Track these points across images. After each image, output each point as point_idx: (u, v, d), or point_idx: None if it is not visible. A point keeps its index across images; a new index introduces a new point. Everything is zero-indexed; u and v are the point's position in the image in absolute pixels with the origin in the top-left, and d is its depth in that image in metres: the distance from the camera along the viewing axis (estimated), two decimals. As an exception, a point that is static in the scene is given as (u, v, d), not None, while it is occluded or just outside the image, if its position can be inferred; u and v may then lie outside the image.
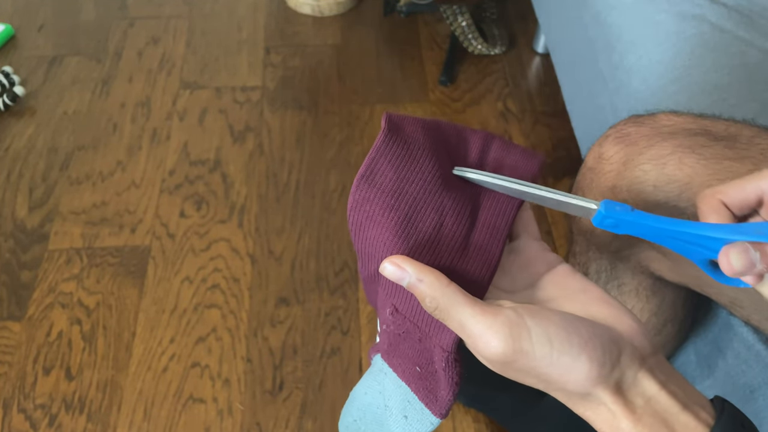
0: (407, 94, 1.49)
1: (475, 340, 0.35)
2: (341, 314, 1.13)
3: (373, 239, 0.40)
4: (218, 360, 1.07)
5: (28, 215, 1.26)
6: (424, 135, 0.42)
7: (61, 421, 1.01)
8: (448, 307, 0.36)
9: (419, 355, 0.40)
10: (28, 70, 1.51)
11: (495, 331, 0.34)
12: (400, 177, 0.40)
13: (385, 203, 0.40)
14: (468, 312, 0.35)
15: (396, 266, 0.37)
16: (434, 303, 0.36)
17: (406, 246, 0.39)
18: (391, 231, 0.39)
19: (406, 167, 0.41)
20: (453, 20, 1.56)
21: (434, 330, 0.38)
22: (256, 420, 1.02)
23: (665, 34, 0.82)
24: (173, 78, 1.51)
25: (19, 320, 1.11)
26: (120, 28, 1.63)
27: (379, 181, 0.40)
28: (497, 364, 0.35)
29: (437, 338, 0.38)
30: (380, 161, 0.41)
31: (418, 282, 0.37)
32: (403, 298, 0.39)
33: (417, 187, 0.40)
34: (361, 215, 0.41)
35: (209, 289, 1.16)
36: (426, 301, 0.36)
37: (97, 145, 1.37)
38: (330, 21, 1.66)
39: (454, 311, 0.36)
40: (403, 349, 0.41)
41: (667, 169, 0.56)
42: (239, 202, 1.28)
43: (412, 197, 0.40)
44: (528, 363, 0.34)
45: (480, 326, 0.35)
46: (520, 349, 0.34)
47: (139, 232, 1.23)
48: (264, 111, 1.45)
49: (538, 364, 0.34)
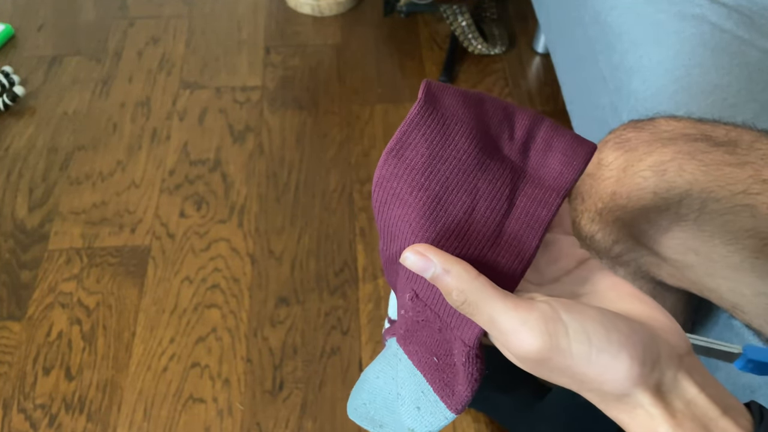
0: (407, 94, 1.49)
1: (508, 336, 0.32)
2: (341, 314, 1.13)
3: (397, 219, 0.37)
4: (218, 360, 1.07)
5: (28, 215, 1.25)
6: (464, 109, 0.38)
7: (61, 421, 1.01)
8: (477, 300, 0.33)
9: (438, 345, 0.38)
10: (28, 70, 1.51)
11: (530, 327, 0.32)
12: (432, 154, 0.37)
13: (414, 181, 0.36)
14: (499, 306, 0.33)
15: (419, 255, 0.34)
16: (462, 297, 0.33)
17: (433, 230, 0.36)
18: (417, 212, 0.36)
19: (440, 144, 0.37)
20: (453, 20, 1.56)
21: (456, 322, 0.35)
22: (256, 420, 1.01)
23: (665, 34, 0.82)
24: (173, 78, 1.51)
25: (19, 320, 1.11)
26: (120, 27, 1.63)
27: (409, 157, 0.37)
28: (529, 362, 0.33)
29: (459, 331, 0.35)
30: (412, 135, 0.37)
31: (444, 273, 0.34)
32: (424, 285, 0.36)
33: (450, 166, 0.37)
34: (386, 192, 0.37)
35: (209, 289, 1.16)
36: (453, 295, 0.34)
37: (97, 145, 1.37)
38: (330, 21, 1.66)
39: (484, 305, 0.33)
40: (420, 337, 0.39)
41: (668, 176, 0.56)
42: (239, 202, 1.28)
43: (444, 177, 0.36)
44: (564, 361, 0.32)
45: (513, 322, 0.32)
46: (556, 347, 0.32)
47: (139, 232, 1.23)
48: (264, 111, 1.45)
49: (575, 363, 0.32)
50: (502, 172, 0.38)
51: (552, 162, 0.39)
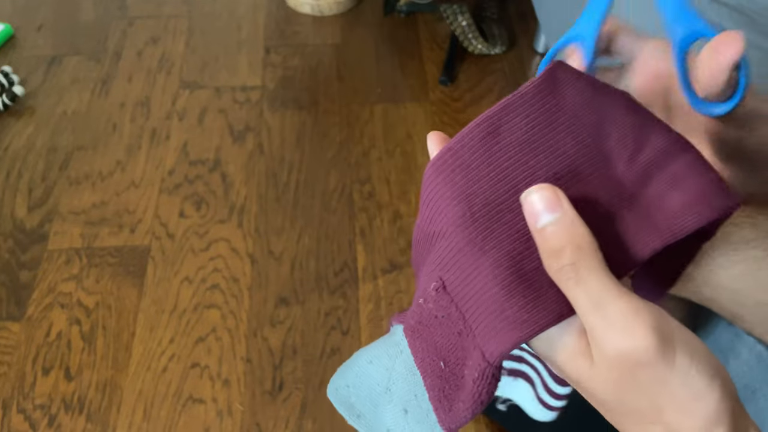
0: (407, 94, 1.49)
1: (612, 326, 0.27)
2: (341, 314, 1.13)
3: (456, 193, 0.32)
4: (218, 360, 1.07)
5: (27, 215, 1.25)
6: (586, 109, 0.33)
7: (61, 421, 1.01)
8: (591, 271, 0.28)
9: (451, 349, 0.33)
10: (27, 70, 1.51)
11: (643, 319, 0.27)
12: (529, 142, 0.32)
13: (495, 165, 0.31)
14: (613, 288, 0.28)
15: (554, 193, 0.29)
16: (575, 257, 0.28)
17: (497, 218, 0.31)
18: (484, 197, 0.31)
19: (540, 134, 0.32)
20: (453, 20, 1.56)
21: (484, 330, 0.30)
22: (256, 420, 1.01)
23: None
24: (173, 78, 1.51)
25: (19, 320, 1.11)
26: (119, 27, 1.63)
27: (503, 135, 0.32)
28: (618, 366, 0.28)
29: (483, 340, 0.30)
30: (518, 111, 0.32)
31: (572, 224, 0.28)
32: (460, 275, 0.31)
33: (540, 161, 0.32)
34: (456, 162, 0.32)
35: (209, 289, 1.16)
36: (566, 252, 0.28)
37: (96, 145, 1.37)
38: (330, 20, 1.66)
39: (596, 279, 0.28)
40: (432, 335, 0.33)
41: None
42: (239, 202, 1.28)
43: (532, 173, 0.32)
44: (661, 373, 0.27)
45: (626, 309, 0.27)
46: (664, 350, 0.27)
47: (139, 232, 1.23)
48: (264, 111, 1.45)
49: (670, 378, 0.27)
50: (599, 190, 0.32)
51: (672, 200, 0.32)
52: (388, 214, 1.26)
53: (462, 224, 0.31)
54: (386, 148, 1.38)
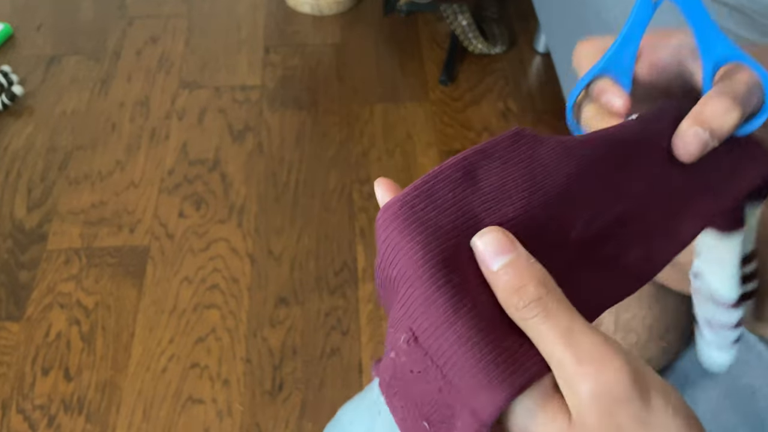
0: (407, 94, 1.49)
1: (585, 359, 0.25)
2: (341, 314, 1.13)
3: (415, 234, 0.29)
4: (217, 360, 1.07)
5: (26, 215, 1.25)
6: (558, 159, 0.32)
7: (60, 421, 1.01)
8: (558, 304, 0.27)
9: (433, 408, 0.28)
10: (26, 70, 1.51)
11: (615, 352, 0.26)
12: (506, 175, 0.30)
13: (484, 198, 0.30)
14: (582, 323, 0.26)
15: (504, 236, 0.28)
16: (540, 292, 0.27)
17: (468, 252, 0.29)
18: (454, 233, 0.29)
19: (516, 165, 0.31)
20: (453, 19, 1.55)
21: (469, 385, 0.26)
22: (256, 420, 1.01)
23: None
24: (172, 77, 1.51)
25: (18, 320, 1.11)
26: (119, 27, 1.63)
27: (481, 176, 0.30)
28: (596, 409, 0.26)
29: (470, 397, 0.26)
30: (496, 150, 0.30)
31: (528, 262, 0.27)
32: (430, 326, 0.27)
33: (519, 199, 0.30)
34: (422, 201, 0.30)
35: (208, 289, 1.15)
36: (530, 289, 0.27)
37: (95, 145, 1.37)
38: (330, 20, 1.66)
39: (563, 313, 0.26)
40: (411, 392, 0.29)
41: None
42: (238, 201, 1.28)
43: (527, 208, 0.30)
44: (637, 413, 0.26)
45: (598, 341, 0.26)
46: (639, 387, 0.26)
47: (138, 232, 1.23)
48: (263, 110, 1.45)
49: (650, 419, 0.26)
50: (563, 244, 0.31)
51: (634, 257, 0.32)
52: (388, 214, 1.26)
53: (429, 269, 0.28)
54: (386, 148, 1.38)
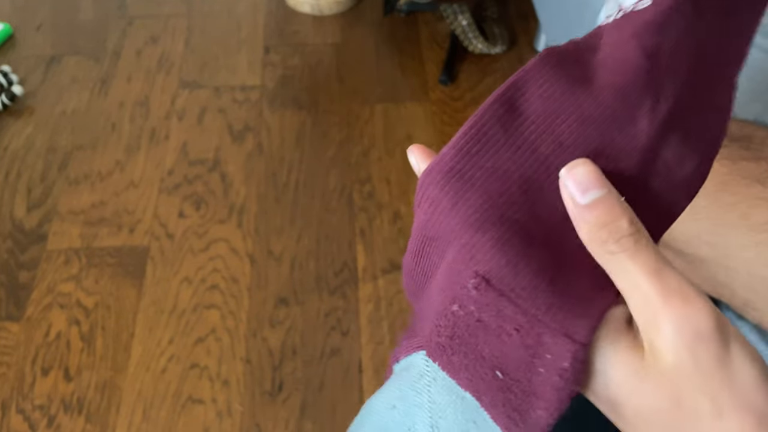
0: (407, 94, 1.49)
1: (673, 293, 0.26)
2: (341, 315, 1.13)
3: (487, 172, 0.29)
4: (217, 361, 1.07)
5: (26, 215, 1.25)
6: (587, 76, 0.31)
7: (60, 421, 1.00)
8: (648, 242, 0.27)
9: (507, 354, 0.28)
10: (26, 70, 1.51)
11: (704, 297, 0.26)
12: (548, 110, 0.29)
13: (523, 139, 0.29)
14: (668, 262, 0.27)
15: (597, 170, 0.28)
16: (631, 229, 0.27)
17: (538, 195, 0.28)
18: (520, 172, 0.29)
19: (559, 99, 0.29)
20: (453, 19, 1.55)
21: (558, 314, 0.26)
22: (256, 421, 1.01)
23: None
24: (172, 77, 1.51)
25: (18, 321, 1.11)
26: (119, 27, 1.62)
27: (521, 106, 0.29)
28: (675, 342, 0.26)
29: (565, 324, 0.26)
30: (528, 83, 0.30)
31: (618, 198, 0.27)
32: (506, 264, 0.27)
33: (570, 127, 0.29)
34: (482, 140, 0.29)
35: (208, 289, 1.15)
36: (623, 224, 0.27)
37: (95, 145, 1.37)
38: (330, 20, 1.66)
39: (653, 250, 0.27)
40: (475, 345, 0.28)
41: None
42: (238, 202, 1.28)
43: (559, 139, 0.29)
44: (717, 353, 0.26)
45: (684, 280, 0.26)
46: (721, 329, 0.26)
47: (138, 232, 1.23)
48: (263, 110, 1.44)
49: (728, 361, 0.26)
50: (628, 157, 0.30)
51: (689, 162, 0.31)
52: (388, 215, 1.26)
53: (498, 206, 0.27)
54: (386, 148, 1.38)
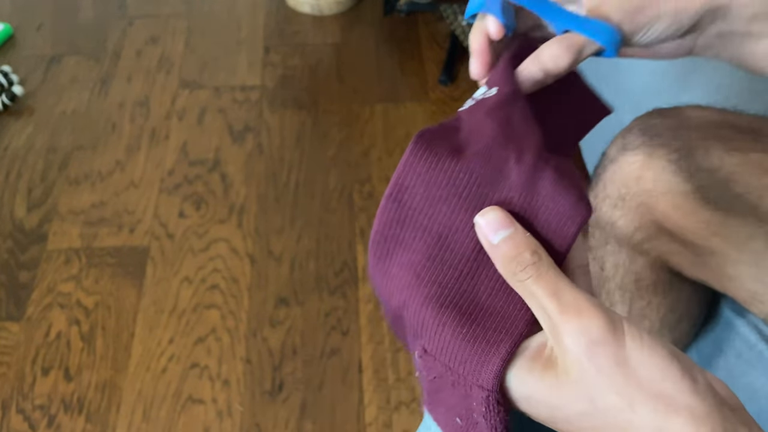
0: (407, 94, 1.49)
1: (568, 309, 0.30)
2: (341, 315, 1.13)
3: (400, 266, 0.35)
4: (217, 360, 1.07)
5: (26, 215, 1.25)
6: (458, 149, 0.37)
7: (60, 421, 1.01)
8: (548, 268, 0.31)
9: (458, 403, 0.34)
10: (26, 70, 1.51)
11: (592, 303, 0.30)
12: (431, 195, 0.35)
13: (418, 224, 0.35)
14: (568, 283, 0.31)
15: (504, 213, 0.33)
16: (534, 258, 0.32)
17: (440, 270, 0.34)
18: (422, 254, 0.35)
19: (438, 184, 0.35)
20: (453, 19, 1.55)
21: (470, 368, 0.33)
22: (256, 421, 1.01)
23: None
24: (172, 77, 1.51)
25: (18, 321, 1.11)
26: (119, 27, 1.62)
27: (408, 200, 0.35)
28: (577, 353, 0.30)
29: (474, 376, 0.32)
30: (409, 178, 0.35)
31: (524, 235, 0.32)
32: (431, 335, 0.34)
33: (453, 205, 0.35)
34: (388, 243, 0.35)
35: (208, 289, 1.15)
36: (526, 255, 0.32)
37: (95, 145, 1.37)
38: (330, 20, 1.66)
39: (552, 274, 0.31)
40: (441, 398, 0.35)
41: (694, 159, 0.56)
42: (238, 202, 1.28)
43: (446, 216, 0.35)
44: (613, 353, 0.29)
45: (579, 296, 0.30)
46: (613, 330, 0.29)
47: (138, 232, 1.23)
48: (263, 110, 1.44)
49: (625, 357, 0.29)
50: (509, 203, 0.35)
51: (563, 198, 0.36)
52: (388, 214, 1.26)
53: (414, 287, 0.34)
54: (386, 148, 1.38)
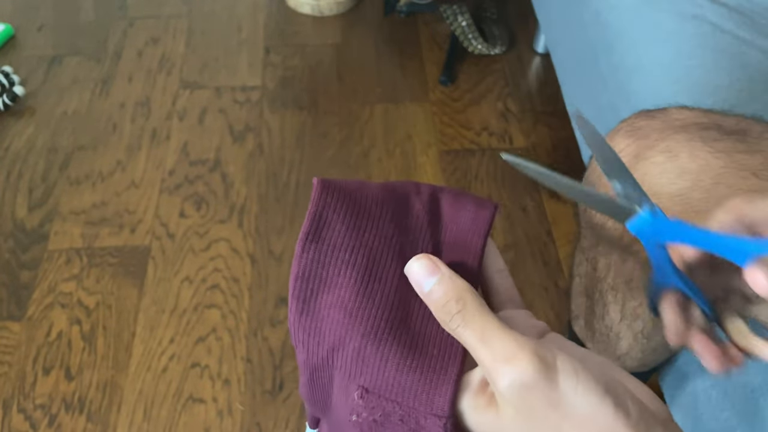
0: (407, 94, 1.49)
1: (498, 357, 0.30)
2: (341, 314, 1.13)
3: (329, 307, 0.34)
4: (218, 360, 1.07)
5: (27, 215, 1.25)
6: (364, 185, 0.38)
7: (61, 421, 1.01)
8: (473, 314, 0.31)
9: None
10: (27, 70, 1.51)
11: (522, 347, 0.30)
12: (349, 227, 0.35)
13: (340, 260, 0.34)
14: (495, 323, 0.31)
15: (429, 260, 0.33)
16: (459, 306, 0.32)
17: (373, 302, 0.34)
18: (351, 289, 0.34)
19: (354, 215, 0.35)
20: (453, 20, 1.56)
21: (423, 398, 0.32)
22: (256, 420, 1.01)
23: (665, 34, 0.82)
24: (173, 78, 1.51)
25: (19, 320, 1.11)
26: (120, 27, 1.63)
27: (328, 237, 0.35)
28: (511, 397, 0.30)
29: (428, 406, 0.32)
30: (325, 213, 0.35)
31: (450, 280, 0.32)
32: (373, 372, 0.33)
33: (371, 235, 0.35)
34: (311, 282, 0.34)
35: (209, 289, 1.16)
36: (452, 302, 0.32)
37: (96, 145, 1.37)
38: (330, 21, 1.66)
39: (481, 318, 0.31)
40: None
41: (679, 161, 0.56)
42: (239, 202, 1.28)
43: (368, 247, 0.35)
44: (546, 396, 0.29)
45: (508, 340, 0.30)
46: (546, 373, 0.29)
47: (139, 232, 1.23)
48: (264, 111, 1.45)
49: (558, 399, 0.29)
50: (421, 229, 0.37)
51: (463, 214, 0.38)
52: (388, 214, 1.26)
53: (347, 326, 0.33)
54: (386, 148, 1.38)
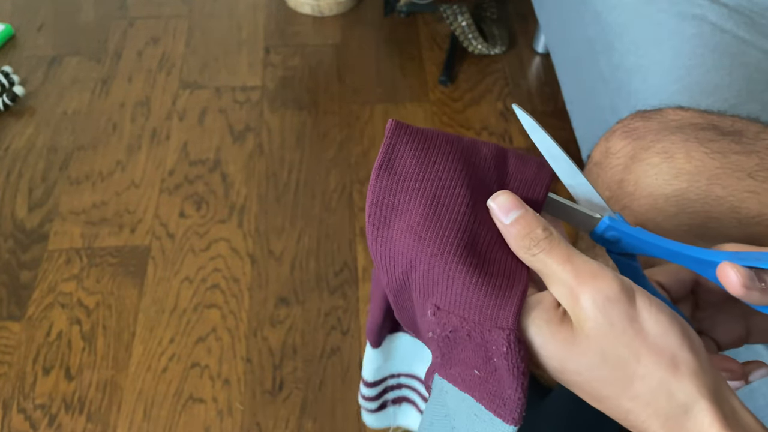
0: (407, 94, 1.49)
1: (582, 273, 0.33)
2: (341, 314, 1.13)
3: (400, 233, 0.36)
4: (218, 360, 1.07)
5: (27, 215, 1.25)
6: (434, 131, 0.40)
7: (61, 421, 1.01)
8: (559, 240, 0.34)
9: (475, 354, 0.35)
10: (27, 70, 1.51)
11: (604, 268, 0.33)
12: (419, 159, 0.37)
13: (410, 188, 0.37)
14: (578, 252, 0.34)
15: (515, 197, 0.36)
16: (546, 233, 0.35)
17: (440, 228, 0.35)
18: (420, 215, 0.36)
19: (423, 149, 0.37)
20: (453, 20, 1.56)
21: (488, 312, 0.34)
22: (256, 420, 1.01)
23: (665, 34, 0.82)
24: (173, 78, 1.51)
25: (19, 320, 1.11)
26: (120, 27, 1.63)
27: (398, 168, 0.37)
28: (592, 310, 0.33)
29: (492, 320, 0.34)
30: (396, 147, 0.37)
31: (533, 213, 0.35)
32: (443, 290, 0.35)
33: (441, 167, 0.37)
34: (384, 210, 0.37)
35: (209, 289, 1.16)
36: (538, 231, 0.35)
37: (96, 145, 1.37)
38: (330, 21, 1.66)
39: (564, 245, 0.34)
40: (457, 354, 0.36)
41: (676, 162, 0.56)
42: (239, 202, 1.28)
43: (437, 177, 0.37)
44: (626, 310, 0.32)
45: (592, 262, 0.33)
46: (626, 291, 0.33)
47: (139, 232, 1.23)
48: (264, 111, 1.45)
49: (636, 314, 0.32)
50: (488, 169, 0.39)
51: (527, 168, 0.40)
52: (388, 214, 1.26)
53: (417, 248, 0.35)
54: (386, 148, 1.38)
